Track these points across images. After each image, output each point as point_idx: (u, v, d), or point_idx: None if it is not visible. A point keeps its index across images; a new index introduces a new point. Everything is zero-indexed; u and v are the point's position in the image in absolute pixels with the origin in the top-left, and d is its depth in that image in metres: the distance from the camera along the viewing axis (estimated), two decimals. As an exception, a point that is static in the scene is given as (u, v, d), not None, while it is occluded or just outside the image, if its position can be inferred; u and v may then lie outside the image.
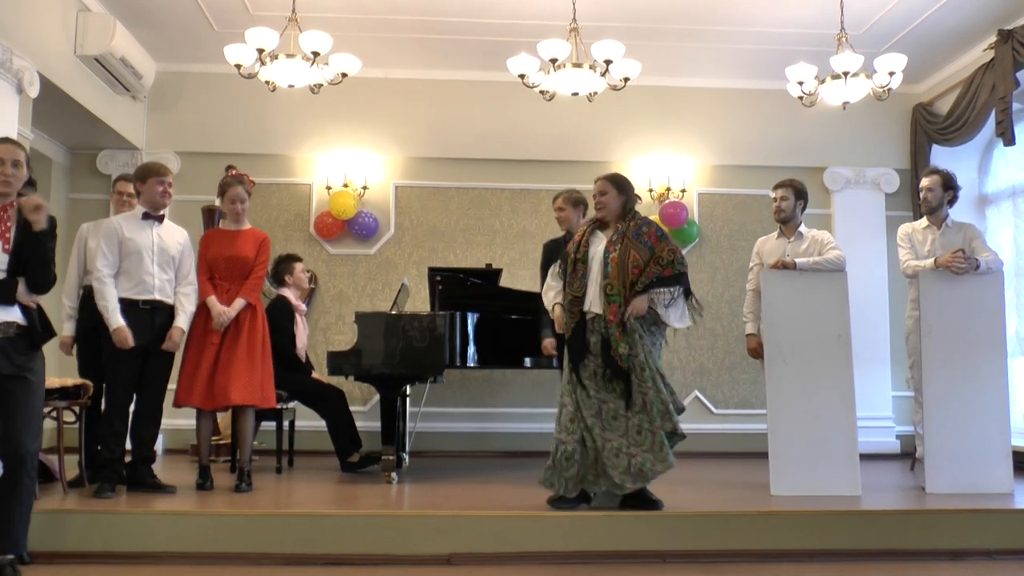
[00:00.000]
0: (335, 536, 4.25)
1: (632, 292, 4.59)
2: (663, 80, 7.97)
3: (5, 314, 3.66)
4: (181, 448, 7.35)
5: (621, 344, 4.55)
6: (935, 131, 7.64)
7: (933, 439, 5.22)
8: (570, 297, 4.71)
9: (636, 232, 4.70)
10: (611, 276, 4.60)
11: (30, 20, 5.80)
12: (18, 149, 3.78)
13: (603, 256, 4.67)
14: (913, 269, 5.62)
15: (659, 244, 4.71)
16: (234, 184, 5.31)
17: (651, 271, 4.63)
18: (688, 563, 4.24)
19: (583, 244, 4.76)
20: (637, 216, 4.81)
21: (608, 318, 4.58)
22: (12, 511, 3.65)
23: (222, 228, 5.38)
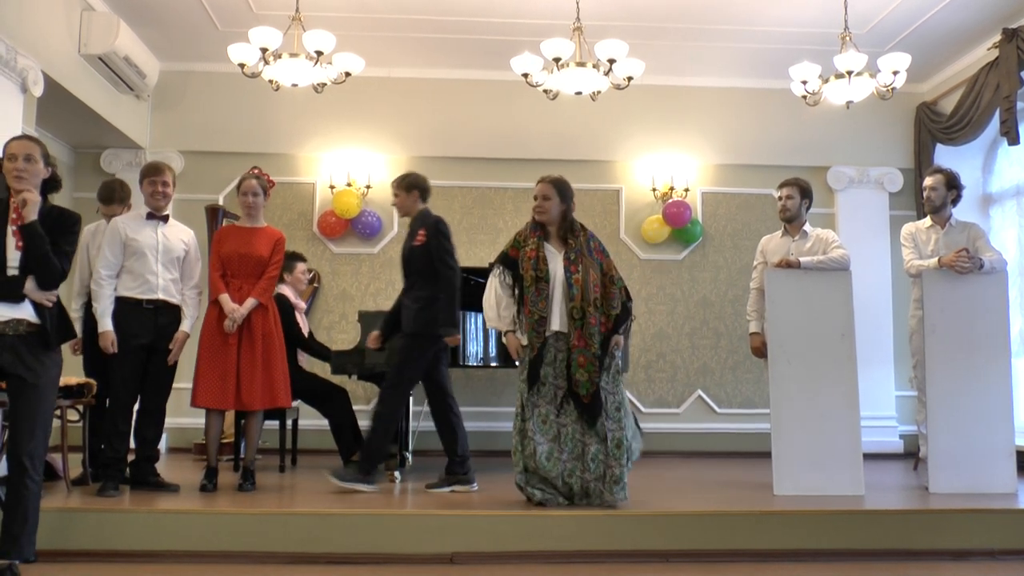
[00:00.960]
0: (338, 535, 4.26)
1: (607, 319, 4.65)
2: (667, 79, 7.96)
3: (14, 311, 3.64)
4: (185, 447, 7.36)
5: (580, 370, 4.59)
6: (939, 130, 7.63)
7: (936, 439, 5.22)
8: (536, 317, 4.64)
9: (588, 248, 4.75)
10: (576, 299, 4.61)
11: (34, 19, 5.81)
12: (33, 144, 3.77)
13: (565, 276, 4.66)
14: (917, 268, 5.61)
15: (604, 260, 4.80)
16: (249, 177, 5.30)
17: (611, 292, 4.70)
18: (691, 563, 4.24)
19: (541, 261, 4.70)
20: (579, 227, 4.83)
21: (573, 342, 4.60)
22: (14, 516, 3.61)
23: (238, 225, 5.36)
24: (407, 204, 5.44)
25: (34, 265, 3.65)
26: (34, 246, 3.64)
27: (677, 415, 7.95)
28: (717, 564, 4.23)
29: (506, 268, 4.81)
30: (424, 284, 5.21)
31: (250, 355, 5.08)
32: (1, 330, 3.61)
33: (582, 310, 4.61)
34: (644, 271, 8.07)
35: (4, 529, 3.62)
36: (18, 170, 3.69)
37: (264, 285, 5.19)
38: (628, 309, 4.79)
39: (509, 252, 4.84)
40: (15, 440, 3.64)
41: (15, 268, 3.65)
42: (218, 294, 5.11)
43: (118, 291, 5.00)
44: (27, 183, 3.70)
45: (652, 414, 7.94)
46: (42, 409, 3.70)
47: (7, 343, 3.62)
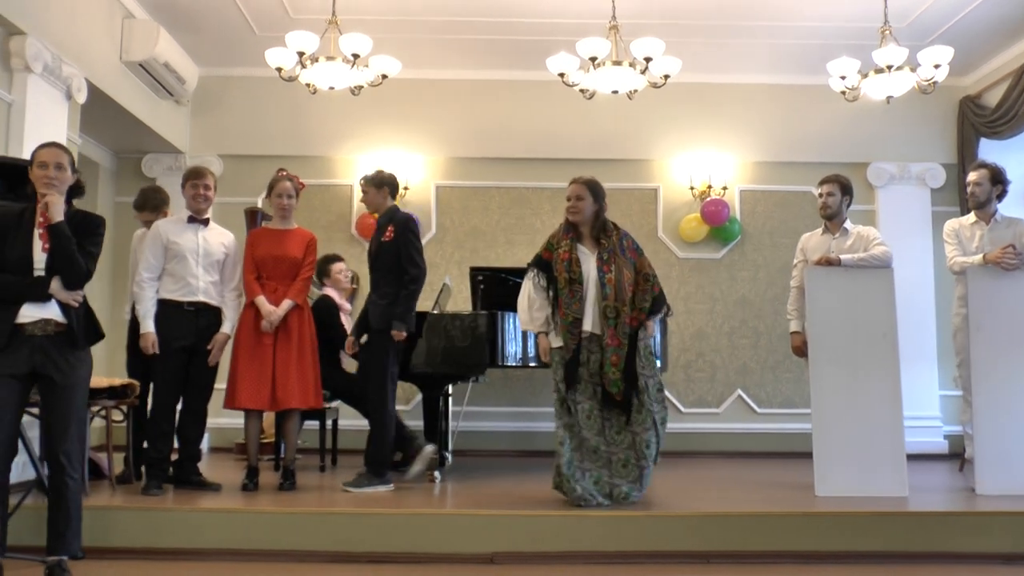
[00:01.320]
0: (378, 534, 4.29)
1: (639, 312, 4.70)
2: (703, 76, 7.91)
3: (42, 311, 3.70)
4: (226, 447, 7.44)
5: (613, 369, 4.63)
6: (983, 124, 7.50)
7: (983, 439, 5.13)
8: (571, 318, 4.67)
9: (621, 248, 4.78)
10: (609, 298, 4.65)
11: (78, 28, 5.91)
12: (62, 152, 3.84)
13: (598, 276, 4.69)
14: (960, 265, 5.52)
15: (639, 259, 4.83)
16: (282, 180, 5.33)
17: (644, 289, 4.74)
18: (732, 564, 4.21)
19: (574, 263, 4.72)
20: (611, 226, 4.86)
21: (606, 341, 4.64)
22: (58, 513, 3.69)
23: (270, 227, 5.40)
24: (376, 200, 5.51)
25: (60, 265, 3.71)
26: (60, 246, 3.70)
27: (717, 415, 7.90)
28: (758, 566, 4.19)
29: (540, 270, 4.84)
30: (392, 280, 5.26)
31: (285, 356, 5.12)
32: (30, 331, 3.67)
33: (616, 309, 4.65)
34: (682, 270, 8.03)
35: (50, 527, 3.69)
36: (49, 177, 3.76)
37: (299, 286, 5.23)
38: (658, 300, 4.79)
39: (543, 254, 4.88)
40: (51, 440, 3.71)
41: (41, 270, 3.72)
42: (254, 296, 5.16)
43: (160, 294, 5.07)
44: (56, 190, 3.77)
45: (692, 414, 7.89)
46: (74, 408, 3.76)
47: (36, 344, 3.68)
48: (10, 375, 3.65)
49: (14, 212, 3.78)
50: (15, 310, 3.66)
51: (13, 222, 3.75)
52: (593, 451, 4.69)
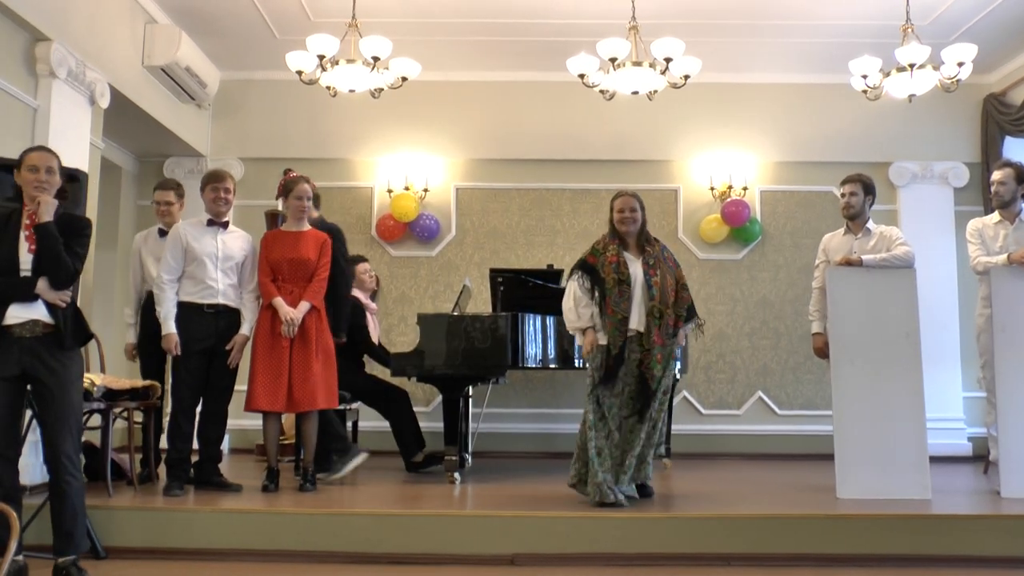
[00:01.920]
0: (399, 535, 4.30)
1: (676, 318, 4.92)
2: (724, 76, 7.88)
3: (29, 312, 3.72)
4: (247, 448, 7.49)
5: (658, 366, 4.80)
6: (1008, 122, 7.43)
7: (1007, 441, 5.07)
8: (619, 316, 4.81)
9: (663, 256, 5.02)
10: (656, 299, 4.83)
11: (101, 34, 5.97)
12: (52, 156, 3.90)
13: (644, 279, 4.87)
14: (984, 265, 5.47)
15: (676, 269, 5.07)
16: (300, 181, 5.33)
17: (683, 297, 4.99)
18: (752, 566, 4.19)
19: (622, 265, 4.88)
20: (651, 237, 5.09)
21: (653, 339, 4.80)
22: (62, 513, 3.71)
23: (284, 229, 5.41)
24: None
25: (47, 264, 3.74)
26: (48, 246, 3.73)
27: (737, 416, 7.86)
28: (779, 568, 4.18)
29: (585, 273, 4.98)
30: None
31: (303, 357, 5.12)
32: (18, 332, 3.70)
33: (660, 311, 4.83)
34: (703, 271, 8.00)
35: (56, 528, 3.72)
36: (40, 181, 3.80)
37: (316, 288, 5.23)
38: (691, 310, 5.05)
39: (587, 259, 5.01)
40: (50, 442, 3.74)
41: (27, 271, 3.74)
42: (270, 299, 5.16)
43: (180, 296, 5.11)
44: (47, 194, 3.81)
45: (712, 416, 7.86)
46: (69, 408, 3.77)
47: (25, 345, 3.71)
48: (4, 378, 3.69)
49: (2, 214, 3.81)
50: (2, 311, 3.70)
51: (1, 225, 3.78)
52: (615, 446, 4.81)
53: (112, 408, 4.89)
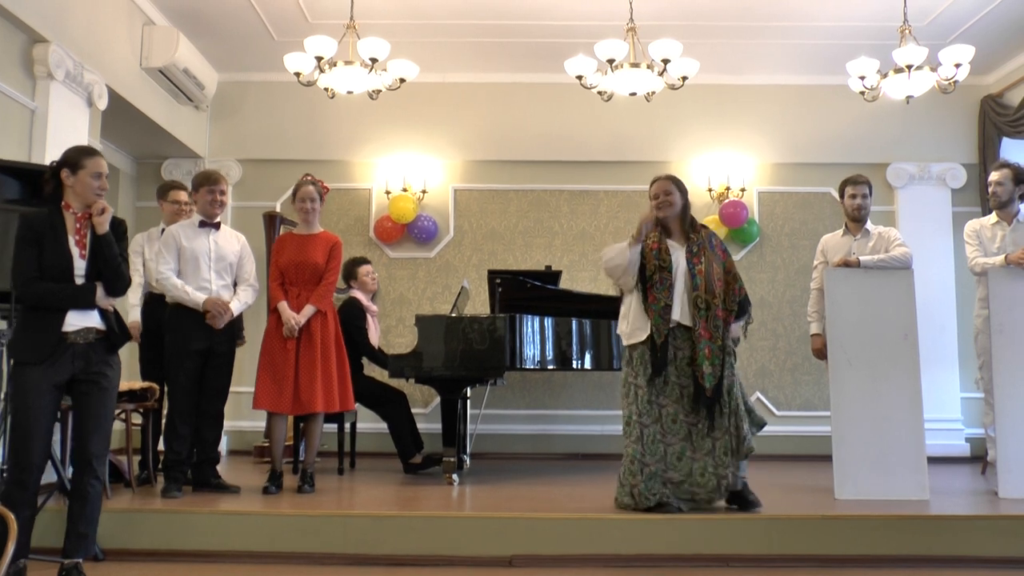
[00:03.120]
0: (397, 537, 4.30)
1: (728, 312, 4.63)
2: (721, 78, 7.88)
3: (85, 319, 3.71)
4: (245, 450, 7.48)
5: (707, 363, 4.53)
6: (1005, 123, 7.44)
7: (1005, 442, 5.08)
8: (662, 304, 4.58)
9: (710, 244, 4.74)
10: (700, 288, 4.59)
11: (99, 35, 5.97)
12: (105, 161, 3.87)
13: (687, 267, 4.64)
14: (981, 266, 5.47)
15: (727, 258, 4.79)
16: (306, 184, 5.33)
17: (734, 288, 4.69)
18: (751, 567, 4.19)
19: (664, 251, 4.66)
20: (696, 223, 4.83)
21: (699, 332, 4.56)
22: (78, 515, 3.70)
23: (295, 232, 5.41)
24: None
25: (109, 274, 3.74)
26: (111, 255, 3.73)
27: (736, 417, 7.85)
28: (778, 569, 4.18)
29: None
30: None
31: (309, 359, 5.13)
32: (73, 339, 3.68)
33: (707, 301, 4.59)
34: (700, 272, 7.98)
35: (71, 529, 3.70)
36: (103, 188, 3.78)
37: (322, 291, 5.24)
38: (744, 303, 4.77)
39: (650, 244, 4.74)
40: (83, 443, 3.72)
41: (81, 277, 3.72)
42: (277, 303, 5.18)
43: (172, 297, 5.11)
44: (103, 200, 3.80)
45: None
46: (108, 411, 3.81)
47: (79, 351, 3.69)
48: (54, 385, 3.66)
49: (44, 218, 3.74)
50: (61, 318, 3.67)
51: (48, 229, 3.71)
52: (677, 458, 4.55)
53: (110, 410, 4.88)
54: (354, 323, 6.30)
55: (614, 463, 5.05)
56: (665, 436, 4.56)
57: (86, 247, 3.75)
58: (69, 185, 3.75)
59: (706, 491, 4.56)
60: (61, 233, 3.72)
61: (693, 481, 4.55)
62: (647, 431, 4.55)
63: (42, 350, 3.64)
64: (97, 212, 3.74)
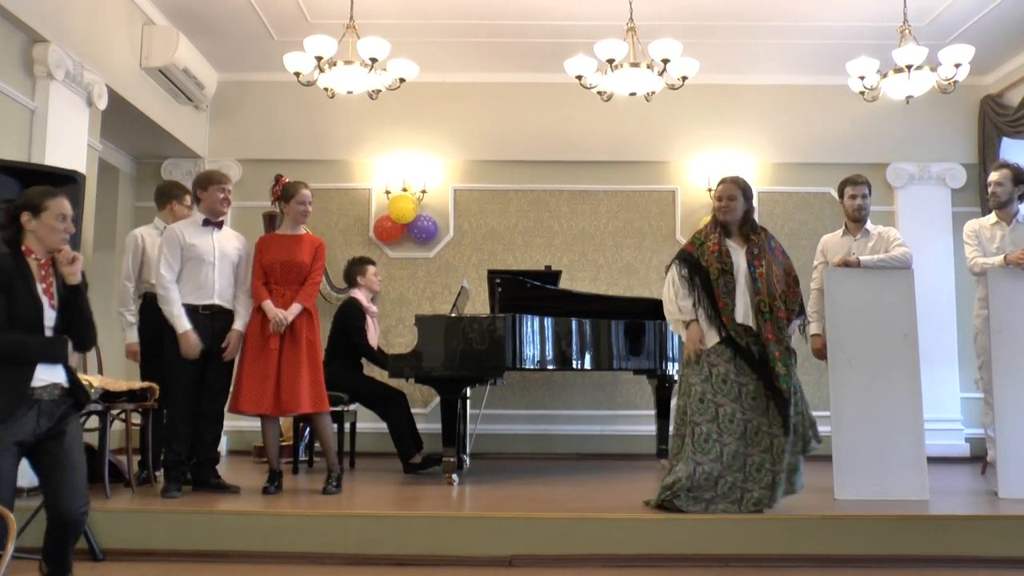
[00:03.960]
0: (397, 537, 4.30)
1: (788, 312, 4.65)
2: (721, 78, 7.88)
3: (53, 374, 3.37)
4: (244, 450, 7.48)
5: (779, 364, 4.54)
6: (1005, 123, 7.44)
7: (1005, 442, 5.08)
8: (731, 308, 4.59)
9: (770, 247, 4.76)
10: (762, 292, 4.60)
11: (99, 35, 5.96)
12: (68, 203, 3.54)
13: (748, 270, 4.64)
14: (981, 266, 5.47)
15: (786, 260, 4.82)
16: (301, 187, 5.32)
17: (795, 291, 4.73)
18: (750, 567, 4.19)
19: (725, 254, 4.67)
20: (757, 226, 4.84)
21: (766, 336, 4.56)
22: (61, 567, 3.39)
23: (279, 233, 5.40)
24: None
25: (82, 328, 3.46)
26: (84, 309, 3.46)
27: (735, 417, 7.84)
28: (777, 569, 4.18)
29: (683, 262, 4.75)
30: None
31: (293, 360, 5.09)
32: (39, 395, 3.33)
33: (769, 304, 4.59)
34: (700, 272, 7.98)
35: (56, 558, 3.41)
36: (70, 232, 3.48)
37: (308, 291, 5.22)
38: (803, 306, 4.83)
39: (687, 248, 4.81)
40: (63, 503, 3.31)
41: (50, 329, 3.39)
42: (260, 301, 5.14)
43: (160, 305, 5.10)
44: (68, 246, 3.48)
45: (710, 417, 7.84)
46: (80, 466, 3.44)
47: (44, 408, 3.35)
48: (16, 442, 3.29)
49: (10, 262, 3.36)
50: (31, 373, 3.31)
51: (16, 274, 3.34)
52: (732, 457, 4.51)
53: (110, 410, 4.88)
54: (352, 323, 6.31)
55: (614, 463, 5.07)
56: (721, 436, 4.52)
57: (54, 296, 3.42)
58: (31, 229, 3.40)
59: (759, 488, 4.51)
60: (30, 280, 3.36)
61: (748, 476, 4.52)
62: (709, 428, 4.52)
63: (9, 407, 3.26)
64: (68, 261, 3.42)
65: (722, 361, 4.58)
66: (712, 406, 4.54)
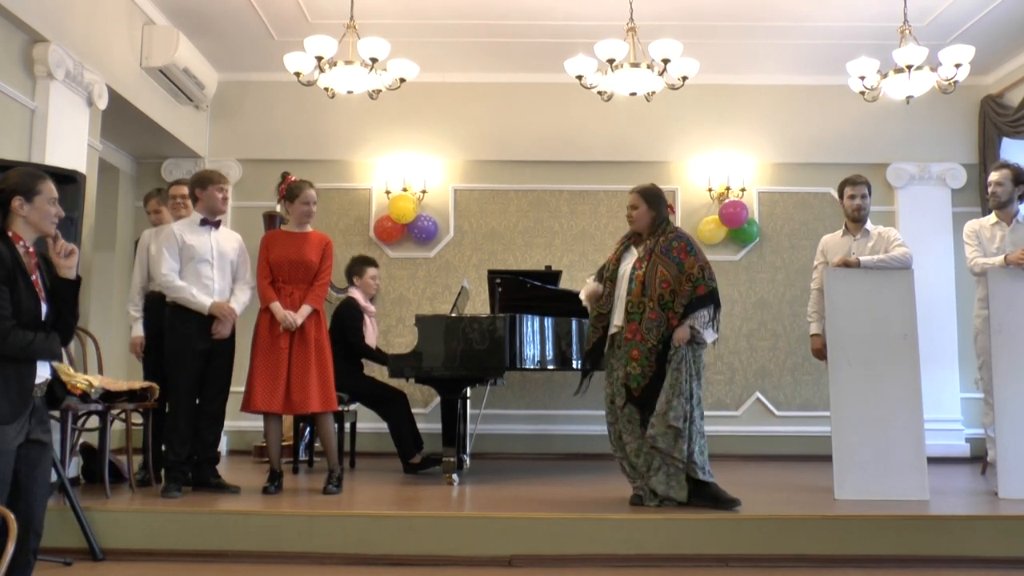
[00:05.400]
0: (396, 537, 4.30)
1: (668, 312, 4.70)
2: (722, 78, 7.88)
3: (44, 371, 3.24)
4: (244, 449, 7.48)
5: (634, 363, 4.72)
6: (1005, 123, 7.44)
7: (1005, 442, 5.08)
8: (595, 313, 4.92)
9: (665, 248, 4.81)
10: (633, 293, 4.76)
11: (99, 35, 5.96)
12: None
13: (630, 273, 4.83)
14: (981, 267, 5.48)
15: (688, 259, 4.78)
16: (306, 187, 5.32)
17: (684, 289, 4.71)
18: (751, 567, 4.19)
19: (611, 262, 5.01)
20: (668, 230, 4.90)
21: (626, 335, 4.75)
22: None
23: (285, 230, 5.40)
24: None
25: (73, 322, 3.32)
26: (75, 302, 3.31)
27: (736, 418, 7.86)
28: (777, 569, 4.18)
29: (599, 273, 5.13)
30: None
31: (302, 359, 5.11)
32: (35, 393, 3.18)
33: (640, 304, 4.73)
34: (700, 272, 7.99)
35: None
36: (61, 216, 3.31)
37: (318, 292, 5.24)
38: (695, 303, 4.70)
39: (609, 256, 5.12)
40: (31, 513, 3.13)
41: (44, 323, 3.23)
42: (269, 302, 5.15)
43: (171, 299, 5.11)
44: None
45: (710, 417, 7.70)
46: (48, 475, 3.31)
47: (36, 407, 3.21)
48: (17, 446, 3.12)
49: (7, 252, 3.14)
50: (35, 371, 3.18)
51: (15, 265, 3.14)
52: (618, 438, 4.87)
53: (110, 410, 4.88)
54: (349, 323, 6.29)
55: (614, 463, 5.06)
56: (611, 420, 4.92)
57: (42, 288, 3.23)
58: (23, 215, 3.21)
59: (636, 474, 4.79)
60: (25, 272, 3.17)
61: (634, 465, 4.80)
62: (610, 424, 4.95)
63: (20, 406, 3.12)
64: (65, 254, 3.25)
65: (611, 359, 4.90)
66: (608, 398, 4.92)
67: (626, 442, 4.81)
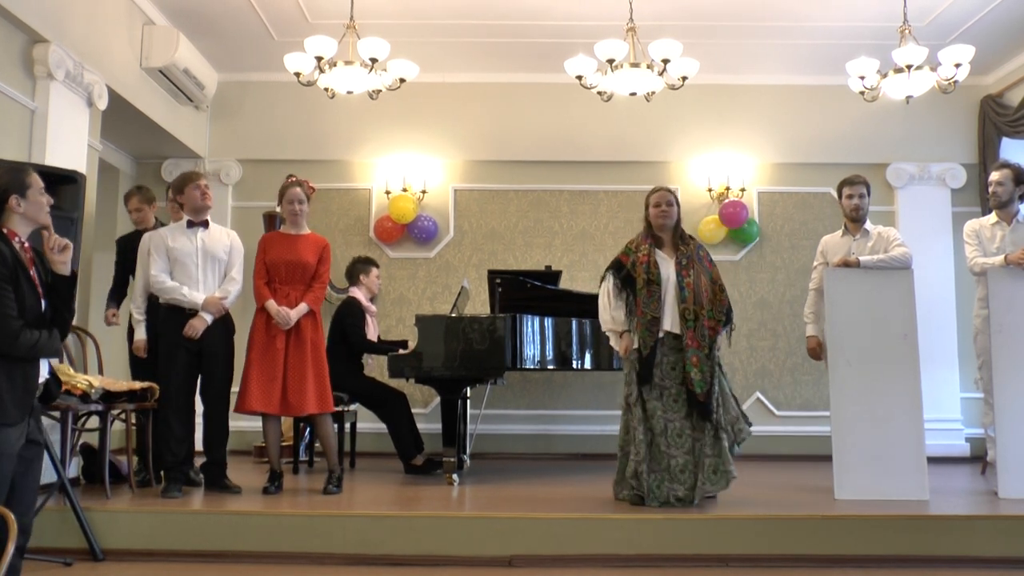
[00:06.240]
0: (396, 537, 4.30)
1: (716, 322, 4.83)
2: (721, 78, 7.88)
3: (44, 371, 3.25)
4: (244, 449, 7.47)
5: (695, 370, 4.73)
6: (1005, 123, 7.44)
7: (1005, 442, 5.08)
8: (649, 317, 4.80)
9: (700, 256, 4.95)
10: (688, 301, 4.79)
11: (99, 35, 5.97)
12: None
13: (677, 279, 4.83)
14: (981, 266, 5.47)
15: (713, 269, 4.99)
16: (292, 186, 5.33)
17: (720, 299, 4.88)
18: (751, 567, 4.19)
19: (653, 265, 4.87)
20: (686, 235, 5.03)
21: (687, 342, 4.76)
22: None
23: (282, 232, 5.40)
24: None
25: (69, 318, 3.29)
26: (71, 298, 3.28)
27: (735, 417, 7.85)
28: (777, 569, 4.18)
29: (615, 273, 4.99)
30: None
31: (298, 360, 5.12)
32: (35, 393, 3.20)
33: (695, 312, 4.79)
34: (700, 272, 7.99)
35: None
36: (50, 203, 3.29)
37: (316, 294, 5.24)
38: (729, 314, 4.97)
39: (620, 258, 5.02)
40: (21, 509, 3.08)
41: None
42: (264, 301, 5.15)
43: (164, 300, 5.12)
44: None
45: (710, 417, 7.85)
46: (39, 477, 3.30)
47: (34, 409, 3.23)
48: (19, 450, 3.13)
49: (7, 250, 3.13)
50: (39, 370, 3.20)
51: (17, 263, 3.14)
52: (659, 450, 4.75)
53: (110, 410, 4.88)
54: (350, 320, 6.29)
55: (614, 463, 5.06)
56: (650, 427, 4.77)
57: (39, 286, 3.23)
58: (21, 212, 3.21)
59: (684, 488, 4.71)
60: (26, 270, 3.16)
61: (673, 477, 4.71)
62: (634, 422, 4.79)
63: (26, 408, 3.13)
64: (59, 249, 3.22)
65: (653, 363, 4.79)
66: (641, 403, 4.79)
67: (672, 455, 4.72)
